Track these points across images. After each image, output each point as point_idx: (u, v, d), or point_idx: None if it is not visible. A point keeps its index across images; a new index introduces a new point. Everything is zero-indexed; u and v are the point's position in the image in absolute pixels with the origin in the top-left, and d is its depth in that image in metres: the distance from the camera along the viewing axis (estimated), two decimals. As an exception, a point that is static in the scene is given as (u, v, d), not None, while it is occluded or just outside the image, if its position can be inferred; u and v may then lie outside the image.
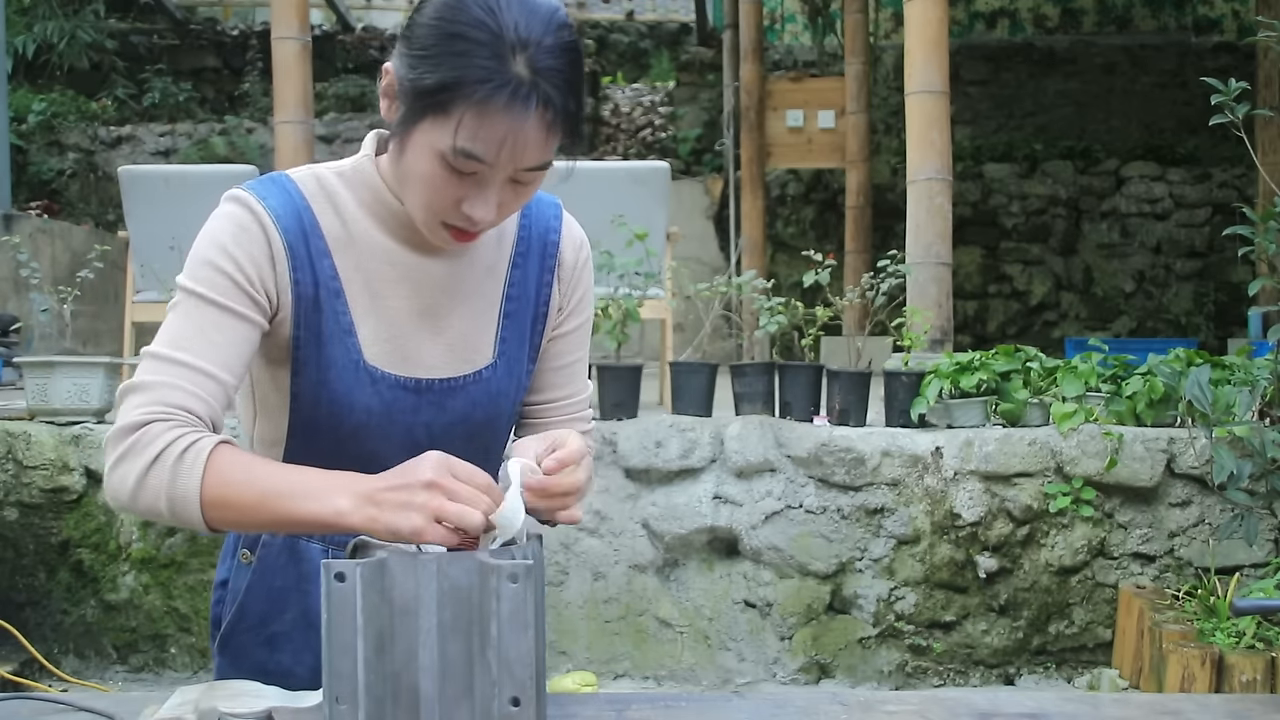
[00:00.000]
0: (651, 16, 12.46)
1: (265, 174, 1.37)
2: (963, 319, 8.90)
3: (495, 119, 1.18)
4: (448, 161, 1.21)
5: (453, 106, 1.18)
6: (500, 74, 1.17)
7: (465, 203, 1.24)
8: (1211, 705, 1.27)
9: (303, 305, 1.31)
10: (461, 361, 1.38)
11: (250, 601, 1.42)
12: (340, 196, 1.35)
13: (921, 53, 4.54)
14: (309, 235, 1.31)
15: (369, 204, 1.35)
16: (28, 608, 3.87)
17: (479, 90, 1.17)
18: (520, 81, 1.18)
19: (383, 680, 1.04)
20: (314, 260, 1.31)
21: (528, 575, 1.02)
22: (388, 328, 1.35)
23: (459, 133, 1.19)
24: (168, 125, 10.35)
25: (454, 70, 1.18)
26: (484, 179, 1.23)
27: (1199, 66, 8.55)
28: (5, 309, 6.45)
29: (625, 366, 4.07)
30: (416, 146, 1.23)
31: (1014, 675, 3.77)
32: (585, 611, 3.80)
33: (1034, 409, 3.84)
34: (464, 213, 1.25)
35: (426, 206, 1.26)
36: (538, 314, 1.44)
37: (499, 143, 1.19)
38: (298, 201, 1.32)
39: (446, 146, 1.20)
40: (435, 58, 1.19)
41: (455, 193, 1.24)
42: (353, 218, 1.34)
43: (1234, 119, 3.31)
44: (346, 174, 1.36)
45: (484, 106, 1.17)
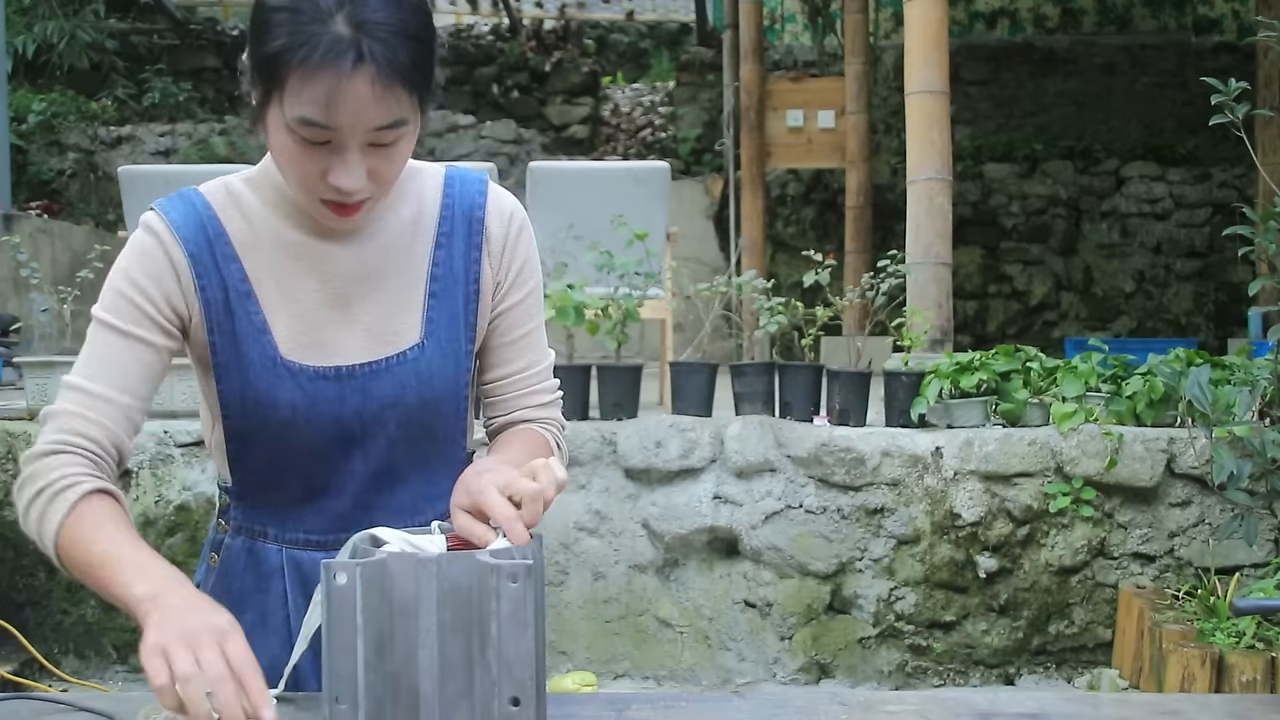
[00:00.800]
0: (651, 16, 12.46)
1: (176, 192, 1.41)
2: (963, 319, 8.91)
3: (317, 79, 1.18)
4: (295, 134, 1.22)
5: (281, 75, 1.20)
6: (317, 34, 1.18)
7: (330, 173, 1.25)
8: (1211, 705, 1.27)
9: (213, 311, 1.34)
10: (381, 344, 1.38)
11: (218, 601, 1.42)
12: (245, 200, 1.38)
13: (921, 53, 4.55)
14: (214, 243, 1.35)
15: (274, 202, 1.37)
16: (28, 608, 3.87)
17: (298, 53, 1.18)
18: (338, 38, 1.18)
19: (382, 680, 1.04)
20: (220, 266, 1.35)
21: (528, 575, 1.02)
22: (301, 320, 1.36)
23: (288, 100, 1.20)
24: (168, 125, 10.35)
25: (278, 39, 1.19)
26: (338, 145, 1.23)
27: (1199, 66, 8.55)
28: (5, 309, 6.45)
29: (625, 366, 4.07)
30: (272, 127, 1.25)
31: (1014, 675, 3.77)
32: (585, 611, 3.80)
33: (1034, 409, 3.84)
34: (331, 184, 1.25)
35: (298, 183, 1.28)
36: (469, 292, 1.42)
37: (326, 103, 1.19)
38: (202, 212, 1.36)
39: (291, 119, 1.21)
40: (265, 33, 1.21)
41: (316, 165, 1.25)
42: (259, 218, 1.37)
43: (1234, 119, 3.31)
44: (254, 178, 1.39)
45: (304, 68, 1.18)
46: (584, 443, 3.79)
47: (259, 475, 1.39)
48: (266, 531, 1.41)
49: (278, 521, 1.41)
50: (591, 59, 11.43)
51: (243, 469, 1.40)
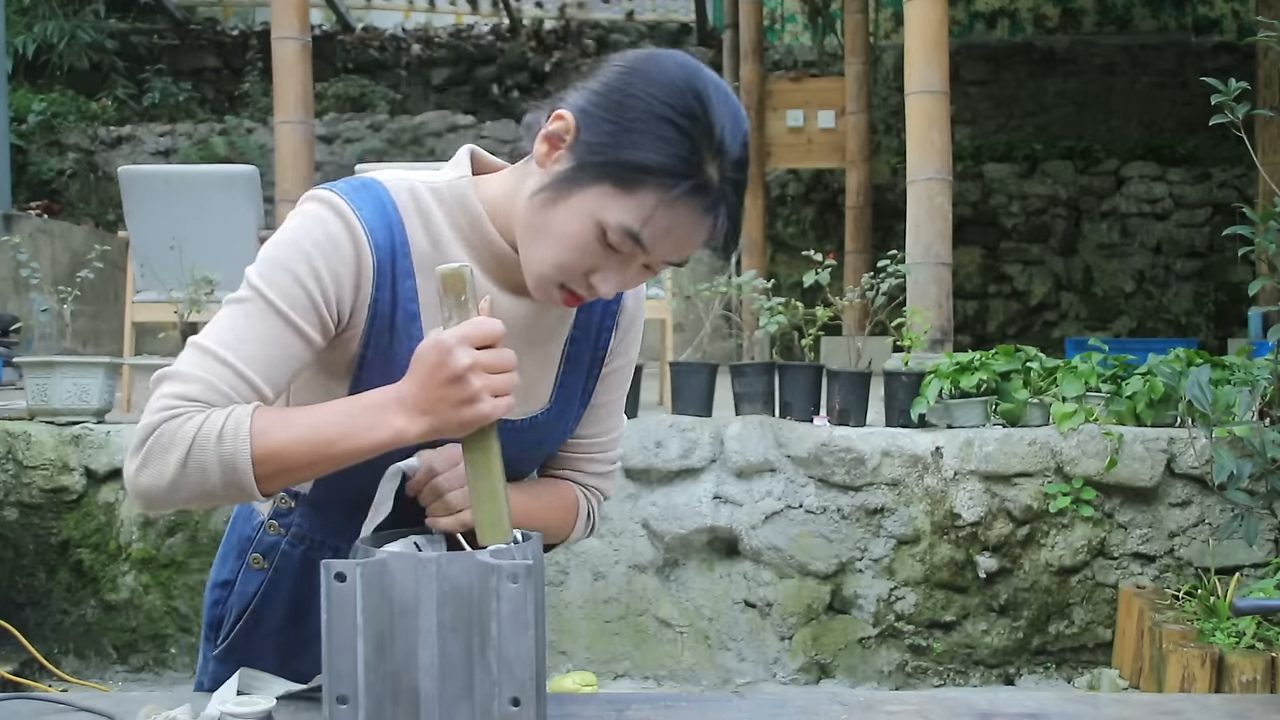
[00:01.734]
0: (651, 16, 12.46)
1: (356, 178, 1.30)
2: (963, 319, 8.90)
3: (681, 219, 1.17)
4: (606, 235, 1.18)
5: (640, 190, 1.16)
6: (698, 175, 1.16)
7: (597, 274, 1.21)
8: (1211, 705, 1.27)
9: (377, 325, 1.25)
10: (522, 406, 1.33)
11: (268, 607, 1.37)
12: (433, 215, 1.29)
13: (921, 53, 4.55)
14: (397, 253, 1.25)
15: (463, 229, 1.29)
16: (28, 608, 3.87)
17: (680, 184, 1.15)
18: (711, 187, 1.16)
19: (383, 680, 1.04)
20: (397, 280, 1.25)
21: (528, 575, 1.02)
22: None
23: (646, 222, 1.16)
24: (168, 125, 10.35)
25: (657, 155, 1.15)
26: (628, 259, 1.20)
27: (1199, 66, 8.55)
28: (5, 309, 6.45)
29: (625, 366, 4.07)
30: (577, 208, 1.18)
31: (1014, 675, 3.77)
32: (585, 611, 3.80)
33: (1034, 409, 3.84)
34: (591, 283, 1.22)
35: (557, 266, 1.21)
36: (595, 358, 1.41)
37: (672, 239, 1.18)
38: (391, 215, 1.26)
39: (617, 223, 1.17)
40: (635, 134, 1.16)
41: (594, 263, 1.20)
42: (444, 240, 1.28)
43: (1234, 119, 3.31)
44: (441, 191, 1.30)
45: (679, 201, 1.16)
46: (584, 443, 3.79)
47: (352, 495, 1.28)
48: (339, 546, 1.33)
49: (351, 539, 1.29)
50: (591, 59, 11.40)
51: (335, 483, 1.27)
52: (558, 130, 1.20)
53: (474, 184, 1.30)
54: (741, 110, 1.22)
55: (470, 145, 1.35)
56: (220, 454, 1.13)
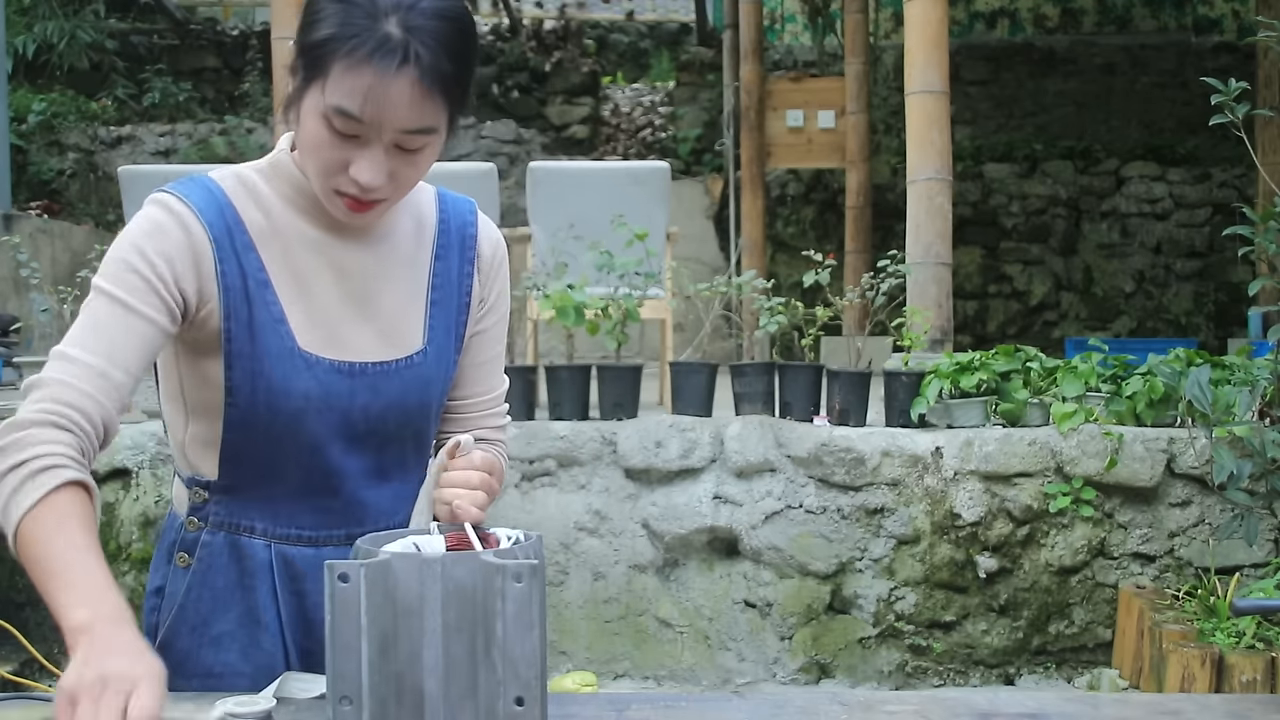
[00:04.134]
0: (651, 16, 12.45)
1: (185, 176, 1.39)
2: (963, 319, 8.90)
3: (362, 72, 1.23)
4: (329, 122, 1.26)
5: (326, 63, 1.24)
6: (371, 33, 1.23)
7: (352, 166, 1.28)
8: (1211, 705, 1.27)
9: (232, 297, 1.33)
10: (392, 346, 1.41)
11: (191, 603, 1.40)
12: (261, 191, 1.38)
13: (921, 53, 4.55)
14: (233, 230, 1.34)
15: (289, 196, 1.39)
16: (28, 608, 3.87)
17: (347, 44, 1.23)
18: (388, 37, 1.23)
19: (387, 681, 1.04)
20: (239, 254, 1.34)
21: (533, 575, 1.02)
22: (317, 314, 1.37)
23: (329, 88, 1.24)
24: (168, 125, 10.35)
25: (330, 28, 1.24)
26: (366, 140, 1.27)
27: (1199, 66, 8.55)
28: (5, 309, 6.44)
29: (625, 366, 4.07)
30: (306, 113, 1.29)
31: (1014, 675, 3.77)
32: (585, 611, 3.80)
33: (1034, 409, 3.84)
34: (351, 177, 1.29)
35: (318, 171, 1.31)
36: (461, 304, 1.48)
37: (365, 96, 1.24)
38: (220, 199, 1.35)
39: (326, 107, 1.25)
40: (316, 21, 1.26)
41: (341, 155, 1.28)
42: (275, 210, 1.38)
43: (1234, 119, 3.31)
44: (265, 170, 1.40)
45: (350, 59, 1.23)
46: (584, 443, 3.79)
47: (255, 468, 1.37)
48: (254, 527, 1.39)
49: (268, 516, 1.39)
50: (591, 59, 11.42)
51: (237, 462, 1.37)
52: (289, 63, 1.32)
53: (292, 157, 1.40)
54: None
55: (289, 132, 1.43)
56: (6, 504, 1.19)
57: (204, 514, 1.40)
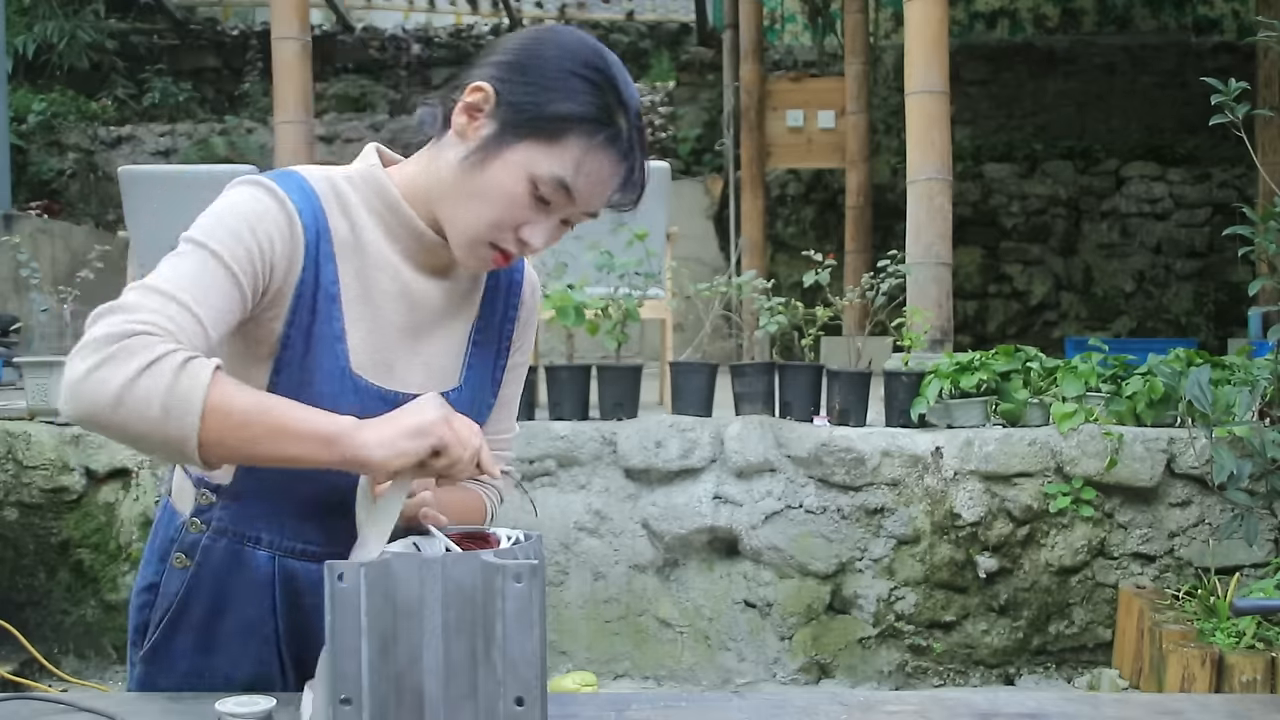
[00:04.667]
0: (651, 16, 12.45)
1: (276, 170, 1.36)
2: (963, 319, 8.90)
3: (605, 162, 1.27)
4: (538, 186, 1.27)
5: (567, 138, 1.25)
6: (613, 123, 1.27)
7: (527, 227, 1.29)
8: (1211, 705, 1.27)
9: (301, 303, 1.30)
10: (435, 382, 1.40)
11: (191, 603, 1.38)
12: (350, 201, 1.35)
13: (921, 53, 4.54)
14: (321, 237, 1.31)
15: (379, 212, 1.36)
16: (28, 608, 3.87)
17: (600, 131, 1.25)
18: (625, 135, 1.27)
19: (387, 681, 1.04)
20: (321, 263, 1.31)
21: (533, 575, 1.02)
22: (377, 337, 1.35)
23: (554, 157, 1.25)
24: (168, 125, 10.35)
25: (574, 104, 1.25)
26: (555, 210, 1.29)
27: (1199, 66, 8.55)
28: (5, 309, 6.45)
29: (625, 366, 4.07)
30: (508, 166, 1.27)
31: (1014, 675, 3.77)
32: (585, 611, 3.80)
33: (1034, 409, 3.84)
34: (520, 237, 1.30)
35: (491, 223, 1.29)
36: (501, 348, 1.49)
37: (598, 183, 1.28)
38: (314, 201, 1.32)
39: (547, 173, 1.25)
40: (551, 88, 1.26)
41: (524, 216, 1.29)
42: (362, 225, 1.35)
43: (1234, 119, 3.31)
44: (356, 181, 1.37)
45: (600, 148, 1.26)
46: (584, 443, 3.79)
47: (271, 479, 1.33)
48: (260, 537, 1.37)
49: (275, 528, 1.37)
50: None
51: (253, 470, 1.33)
52: (476, 101, 1.29)
53: (387, 174, 1.38)
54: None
55: (374, 143, 1.44)
56: (175, 384, 1.11)
57: (208, 517, 1.38)
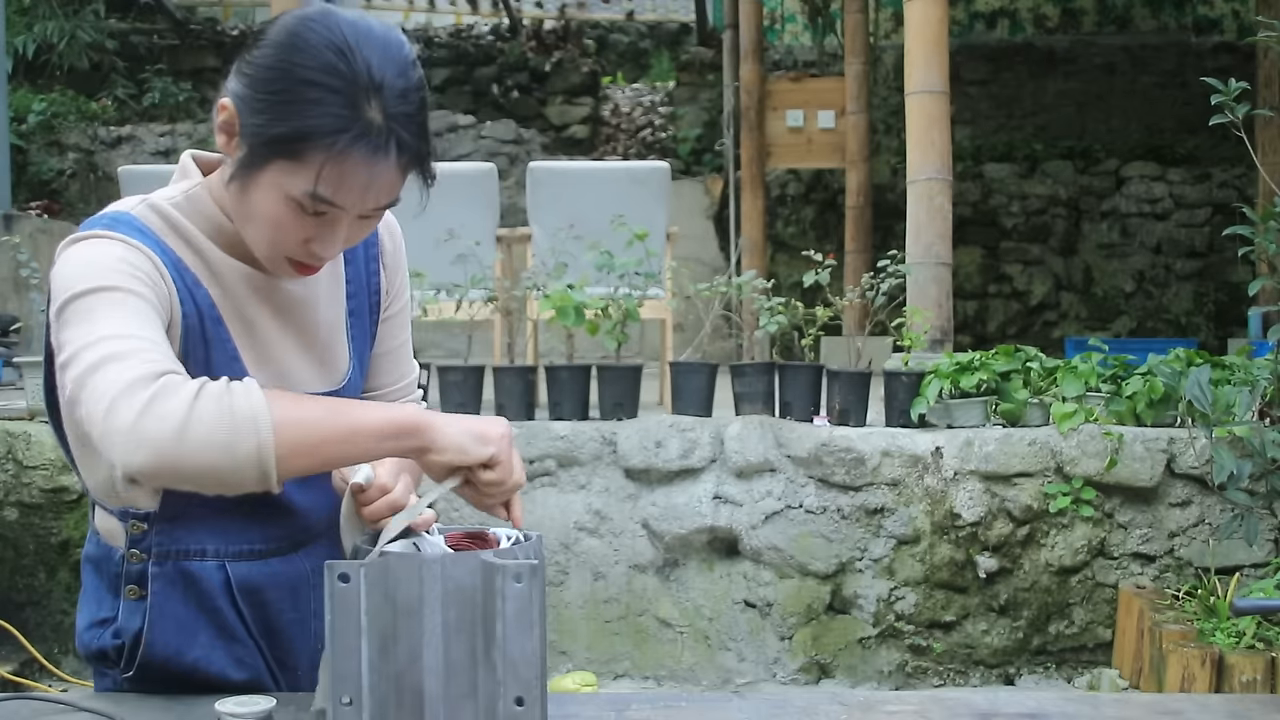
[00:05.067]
0: (651, 16, 12.45)
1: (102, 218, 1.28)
2: (963, 319, 8.90)
3: (355, 167, 1.19)
4: (300, 205, 1.22)
5: (307, 155, 1.19)
6: (356, 123, 1.18)
7: (314, 242, 1.26)
8: (1211, 705, 1.27)
9: (191, 337, 1.28)
10: (328, 373, 1.41)
11: (158, 636, 1.35)
12: (185, 228, 1.32)
13: (921, 53, 4.54)
14: (179, 268, 1.29)
15: (210, 232, 1.33)
16: (28, 608, 3.87)
17: (338, 140, 1.18)
18: (377, 129, 1.19)
19: (387, 681, 1.04)
20: (192, 290, 1.29)
21: (533, 575, 1.02)
22: (264, 350, 1.35)
23: (319, 181, 1.20)
24: (168, 125, 10.35)
25: (307, 120, 1.18)
26: (334, 219, 1.25)
27: (1199, 66, 8.55)
28: (5, 309, 6.45)
29: (625, 366, 4.07)
30: (264, 188, 1.23)
31: (1014, 675, 3.77)
32: (585, 611, 3.80)
33: (1034, 409, 3.84)
34: (311, 250, 1.26)
35: (272, 244, 1.26)
36: (372, 304, 1.47)
37: (358, 189, 1.21)
38: (153, 238, 1.28)
39: (300, 192, 1.21)
40: (285, 105, 1.19)
41: (304, 232, 1.25)
42: (204, 247, 1.33)
43: (1234, 119, 3.31)
44: (182, 205, 1.34)
45: (343, 156, 1.18)
46: (584, 443, 3.79)
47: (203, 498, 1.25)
48: (205, 549, 1.35)
49: (218, 536, 1.35)
50: (591, 59, 11.42)
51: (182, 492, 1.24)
52: (226, 120, 1.26)
53: (206, 188, 1.35)
54: (393, 35, 1.24)
55: (190, 150, 1.40)
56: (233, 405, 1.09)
57: (145, 545, 1.34)
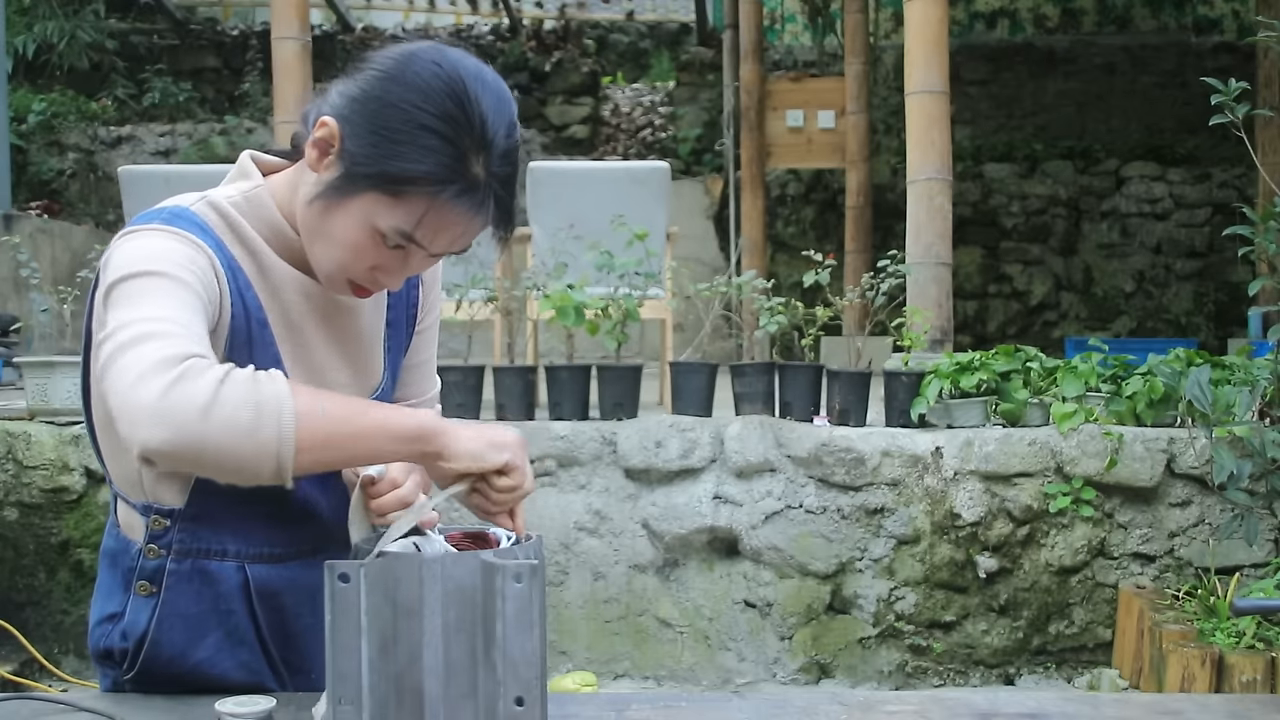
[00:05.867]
0: (651, 16, 12.45)
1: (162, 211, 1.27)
2: (963, 319, 8.90)
3: (452, 219, 1.22)
4: (384, 237, 1.23)
5: (409, 196, 1.20)
6: (462, 178, 1.20)
7: (382, 271, 1.27)
8: (1211, 705, 1.27)
9: (236, 339, 1.29)
10: (365, 381, 1.42)
11: (164, 634, 1.36)
12: (242, 229, 1.32)
13: (921, 53, 4.54)
14: (234, 268, 1.29)
15: (268, 237, 1.34)
16: (28, 608, 3.87)
17: (444, 190, 1.20)
18: (478, 185, 1.21)
19: (387, 681, 1.04)
20: (242, 292, 1.30)
21: (533, 575, 1.02)
22: (307, 357, 1.36)
23: (419, 226, 1.22)
24: (168, 125, 10.35)
25: (418, 164, 1.19)
26: (410, 253, 1.26)
27: (1199, 66, 8.55)
28: (5, 309, 6.45)
29: (625, 366, 4.07)
30: (351, 215, 1.23)
31: (1014, 675, 3.77)
32: (585, 611, 3.80)
33: (1034, 409, 3.84)
34: (377, 278, 1.28)
35: (341, 267, 1.27)
36: (409, 316, 1.49)
37: (447, 235, 1.24)
38: (212, 236, 1.29)
39: (391, 228, 1.22)
40: (397, 144, 1.19)
41: (373, 260, 1.26)
42: (259, 249, 1.33)
43: (1234, 119, 3.31)
44: (242, 207, 1.33)
45: (445, 206, 1.21)
46: (584, 443, 3.79)
47: (228, 499, 1.27)
48: (226, 550, 1.35)
49: (241, 538, 1.36)
50: (591, 59, 11.42)
51: (209, 492, 1.29)
52: (324, 137, 1.24)
53: (269, 192, 1.34)
54: (505, 92, 1.25)
55: (250, 151, 1.40)
56: (259, 390, 1.08)
57: (165, 541, 1.35)
